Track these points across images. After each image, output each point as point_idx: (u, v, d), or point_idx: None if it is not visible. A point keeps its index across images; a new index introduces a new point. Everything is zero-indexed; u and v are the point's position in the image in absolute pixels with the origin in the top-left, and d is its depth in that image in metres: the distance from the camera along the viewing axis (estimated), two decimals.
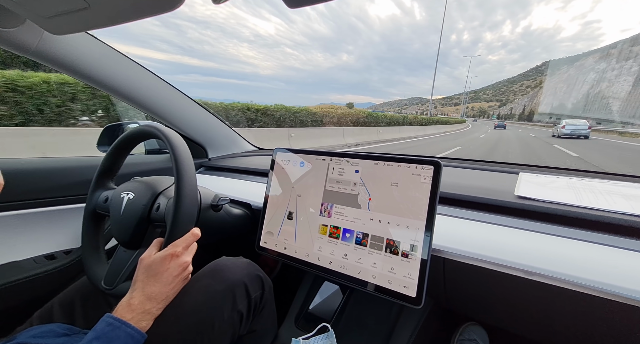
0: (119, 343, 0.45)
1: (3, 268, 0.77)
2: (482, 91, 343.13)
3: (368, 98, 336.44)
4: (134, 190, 0.68)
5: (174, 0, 0.49)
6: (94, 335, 0.45)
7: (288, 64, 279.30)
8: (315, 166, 0.71)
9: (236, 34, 20.26)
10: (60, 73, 0.79)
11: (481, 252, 0.56)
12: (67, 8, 0.54)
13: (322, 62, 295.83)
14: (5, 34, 0.64)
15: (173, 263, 0.53)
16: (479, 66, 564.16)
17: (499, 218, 0.61)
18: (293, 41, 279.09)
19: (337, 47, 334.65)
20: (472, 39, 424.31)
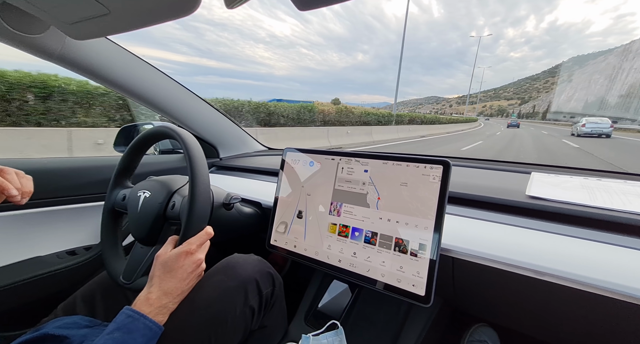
0: (138, 334, 0.47)
1: (29, 262, 0.81)
2: (503, 89, 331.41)
3: (383, 97, 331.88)
4: (150, 188, 0.70)
5: (190, 5, 0.51)
6: (115, 326, 0.47)
7: (303, 64, 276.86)
8: (325, 165, 0.72)
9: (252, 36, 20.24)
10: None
11: (491, 252, 0.55)
12: (90, 14, 0.57)
13: (337, 62, 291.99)
14: (31, 40, 0.68)
15: (187, 260, 0.55)
16: (499, 63, 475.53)
17: (510, 218, 0.61)
18: (308, 41, 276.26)
19: (352, 47, 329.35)
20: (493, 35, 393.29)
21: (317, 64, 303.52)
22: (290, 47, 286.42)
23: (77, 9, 0.56)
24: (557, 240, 0.54)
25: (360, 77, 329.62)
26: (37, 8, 0.57)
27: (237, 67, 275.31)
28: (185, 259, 0.55)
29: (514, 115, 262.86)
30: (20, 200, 0.51)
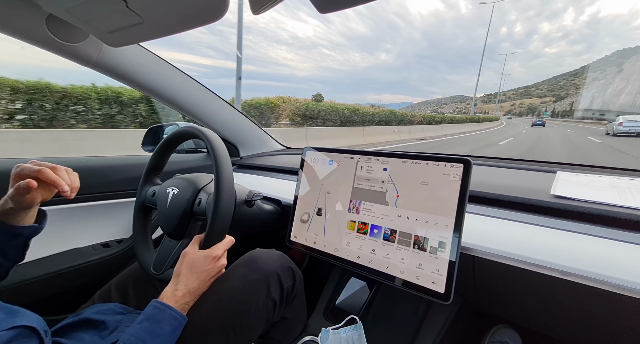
0: (165, 323, 0.51)
1: (68, 253, 0.88)
2: (535, 86, 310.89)
3: (406, 97, 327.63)
4: (178, 186, 0.74)
5: (217, 13, 0.54)
6: (144, 317, 0.51)
7: (325, 65, 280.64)
8: (344, 164, 0.73)
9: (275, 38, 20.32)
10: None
11: (514, 251, 0.55)
12: (126, 23, 0.61)
13: (359, 61, 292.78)
14: (72, 48, 0.73)
15: (213, 265, 0.59)
16: (532, 60, 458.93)
17: (533, 218, 0.60)
18: (330, 42, 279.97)
19: (375, 46, 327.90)
20: (526, 30, 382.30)
21: (339, 64, 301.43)
22: (313, 47, 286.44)
23: (115, 19, 0.60)
24: (584, 240, 0.52)
25: (382, 76, 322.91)
26: (80, 19, 0.62)
27: (260, 68, 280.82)
28: (211, 263, 0.59)
29: (546, 114, 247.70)
30: (70, 195, 0.55)
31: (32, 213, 0.57)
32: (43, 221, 0.59)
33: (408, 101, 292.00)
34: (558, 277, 0.51)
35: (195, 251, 0.60)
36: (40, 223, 0.58)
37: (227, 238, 0.64)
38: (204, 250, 0.60)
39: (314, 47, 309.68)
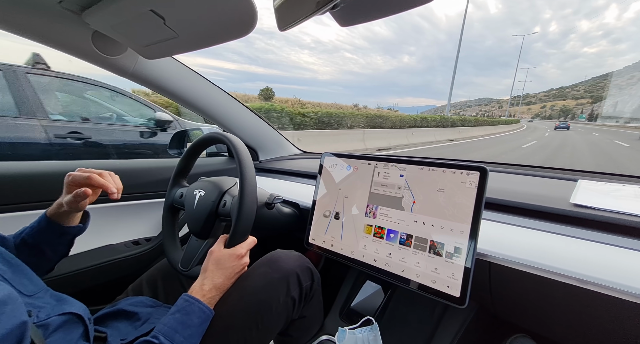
0: (194, 315, 0.55)
1: (104, 249, 0.95)
2: (571, 87, 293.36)
3: (430, 100, 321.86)
4: (204, 188, 0.79)
5: (245, 29, 0.58)
6: (176, 309, 0.56)
7: (347, 68, 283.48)
8: (362, 170, 0.76)
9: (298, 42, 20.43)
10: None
11: (531, 258, 0.55)
12: (162, 38, 0.67)
13: (382, 65, 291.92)
14: (112, 60, 0.80)
15: (237, 262, 0.63)
16: (568, 61, 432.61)
17: (551, 226, 0.60)
18: (353, 45, 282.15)
19: (398, 49, 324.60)
20: (561, 29, 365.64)
21: (361, 68, 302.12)
22: (335, 51, 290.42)
23: (152, 34, 0.66)
24: (604, 249, 0.52)
25: (405, 79, 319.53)
26: (121, 35, 0.68)
27: (282, 72, 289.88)
28: (235, 260, 0.63)
29: (582, 117, 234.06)
30: (117, 196, 0.62)
31: (79, 214, 0.64)
32: (87, 221, 0.67)
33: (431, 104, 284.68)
34: (576, 286, 0.51)
35: (221, 249, 0.64)
36: (84, 223, 0.66)
37: (250, 238, 0.68)
38: (229, 248, 0.64)
39: (335, 51, 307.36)
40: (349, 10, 0.53)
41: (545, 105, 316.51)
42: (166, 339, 0.49)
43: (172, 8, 0.56)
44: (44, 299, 0.51)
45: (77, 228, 0.64)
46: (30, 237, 0.60)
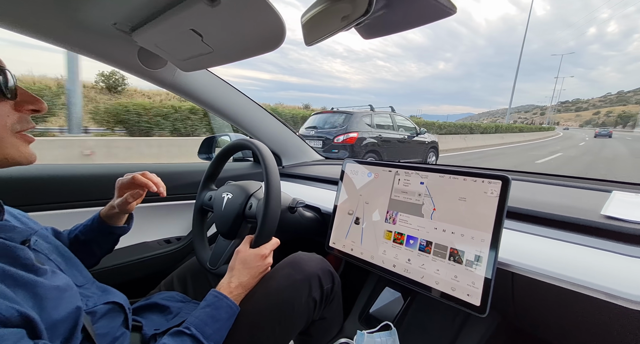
0: (223, 310, 0.59)
1: (139, 246, 1.03)
2: (634, 92, 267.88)
3: (467, 108, 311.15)
4: (232, 191, 0.84)
5: (275, 43, 0.63)
6: (205, 303, 0.60)
7: (379, 76, 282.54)
8: (382, 176, 0.77)
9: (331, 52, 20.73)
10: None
11: (556, 270, 0.54)
12: (198, 53, 0.73)
13: (416, 72, 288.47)
14: (154, 73, 0.88)
15: (262, 262, 0.67)
16: (632, 63, 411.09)
17: (579, 238, 0.59)
18: (385, 53, 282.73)
19: (432, 56, 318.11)
20: (622, 29, 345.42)
21: (394, 76, 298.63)
22: (367, 60, 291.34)
23: (190, 49, 0.72)
24: (636, 264, 0.51)
25: (440, 86, 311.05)
26: (163, 51, 0.75)
27: (315, 81, 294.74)
28: (260, 260, 0.67)
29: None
30: (162, 192, 0.70)
31: (125, 216, 0.72)
32: (130, 222, 0.75)
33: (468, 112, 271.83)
34: (604, 300, 0.49)
35: (247, 249, 0.68)
36: (128, 224, 0.74)
37: (273, 240, 0.71)
38: (254, 249, 0.68)
39: (368, 59, 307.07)
40: (372, 25, 0.56)
41: (599, 111, 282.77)
42: (197, 331, 0.53)
43: (209, 26, 0.61)
44: (91, 289, 0.57)
45: (122, 229, 0.73)
46: (82, 234, 0.68)
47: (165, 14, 0.61)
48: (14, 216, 0.52)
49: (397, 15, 0.53)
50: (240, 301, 0.63)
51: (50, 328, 0.38)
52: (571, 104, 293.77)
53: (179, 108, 6.54)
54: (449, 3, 0.49)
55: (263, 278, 0.68)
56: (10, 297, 0.34)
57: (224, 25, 0.60)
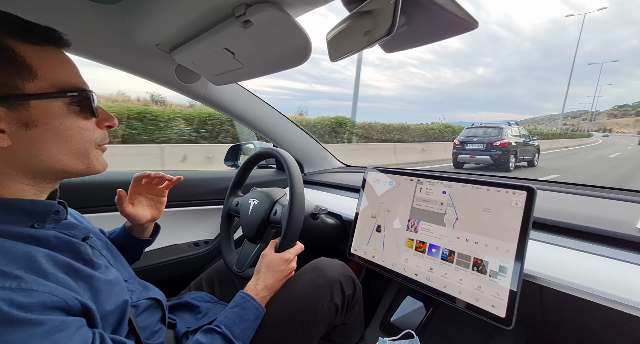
0: (250, 311, 0.62)
1: (171, 248, 1.09)
2: None
3: (509, 115, 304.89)
4: (258, 197, 0.88)
5: (301, 59, 0.67)
6: (234, 304, 0.63)
7: (412, 84, 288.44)
8: (404, 185, 0.78)
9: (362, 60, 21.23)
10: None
11: (587, 284, 0.53)
12: (230, 68, 0.79)
13: (452, 78, 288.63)
14: (188, 87, 0.95)
15: (286, 266, 0.70)
16: None
17: (612, 251, 0.56)
18: (419, 60, 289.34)
19: (470, 61, 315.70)
20: None
21: (428, 82, 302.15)
22: (400, 67, 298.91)
23: (223, 65, 0.78)
24: None
25: (479, 93, 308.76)
26: (198, 67, 0.82)
27: (346, 90, 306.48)
28: (284, 264, 0.70)
29: None
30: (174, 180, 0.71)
31: (150, 228, 0.76)
32: (156, 234, 0.79)
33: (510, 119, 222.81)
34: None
35: (272, 253, 0.71)
36: (153, 236, 0.78)
37: (297, 245, 0.74)
38: (279, 253, 0.71)
39: (400, 67, 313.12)
40: (394, 40, 0.59)
41: None
42: (227, 330, 0.57)
43: (241, 45, 0.67)
44: (133, 285, 0.62)
45: (146, 241, 0.76)
46: (115, 239, 0.74)
47: (202, 36, 0.67)
48: (73, 216, 0.58)
49: (418, 31, 0.55)
50: (266, 303, 0.66)
51: (103, 318, 0.43)
52: (631, 108, 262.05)
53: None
54: (470, 18, 0.51)
55: (287, 282, 0.71)
56: (74, 288, 0.39)
57: (255, 43, 0.65)
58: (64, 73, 0.42)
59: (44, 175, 0.43)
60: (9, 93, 0.37)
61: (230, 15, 0.58)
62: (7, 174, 0.40)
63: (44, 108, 0.40)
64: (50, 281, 0.36)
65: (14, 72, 0.37)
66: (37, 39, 0.40)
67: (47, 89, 0.40)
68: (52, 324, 0.33)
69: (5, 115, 0.37)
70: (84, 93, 0.43)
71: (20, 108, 0.38)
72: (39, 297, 0.34)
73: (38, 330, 0.32)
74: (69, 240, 0.45)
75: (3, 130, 0.37)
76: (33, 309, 0.32)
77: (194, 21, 0.62)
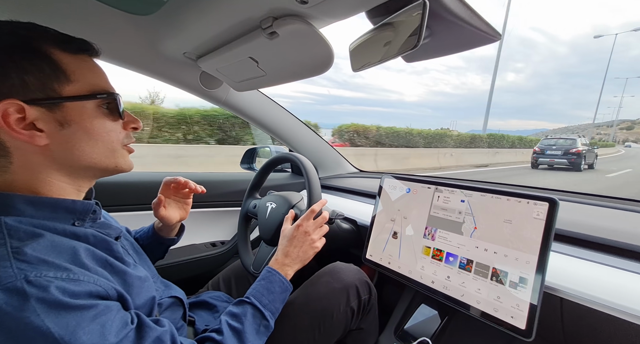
0: (276, 284, 0.63)
1: (189, 247, 1.13)
2: None
3: (541, 123, 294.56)
4: (275, 201, 0.90)
5: (323, 68, 0.69)
6: (261, 277, 0.65)
7: (437, 89, 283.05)
8: (421, 193, 0.79)
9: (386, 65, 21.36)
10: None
11: (613, 299, 0.52)
12: (253, 76, 0.81)
13: (479, 84, 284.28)
14: (211, 93, 0.99)
15: (299, 231, 0.71)
16: None
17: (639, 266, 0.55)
18: (445, 66, 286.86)
19: (500, 67, 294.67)
20: None
21: (454, 88, 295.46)
22: (424, 73, 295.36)
23: (246, 73, 0.81)
24: None
25: (508, 100, 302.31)
26: (222, 74, 0.85)
27: (368, 95, 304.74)
28: (298, 230, 0.71)
29: None
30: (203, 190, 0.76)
31: (176, 228, 0.79)
32: (181, 234, 0.82)
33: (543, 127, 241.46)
34: None
35: (288, 226, 0.74)
36: (179, 236, 0.81)
37: (311, 209, 0.73)
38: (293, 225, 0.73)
39: (425, 72, 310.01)
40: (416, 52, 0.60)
41: None
42: (255, 300, 0.59)
43: (265, 54, 0.69)
44: (157, 284, 0.65)
45: (172, 240, 0.80)
46: (141, 239, 0.77)
47: (229, 45, 0.70)
48: (103, 216, 0.62)
49: (440, 43, 0.56)
50: (290, 303, 0.67)
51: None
52: None
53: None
54: (492, 31, 0.51)
55: (304, 285, 0.72)
56: (111, 280, 0.42)
57: (279, 53, 0.67)
58: (95, 78, 0.46)
59: (78, 172, 0.47)
60: (47, 95, 0.41)
61: (257, 26, 0.60)
62: (48, 173, 0.44)
63: (77, 109, 0.43)
64: (92, 273, 0.40)
65: (52, 76, 0.41)
66: (72, 48, 0.43)
67: (80, 92, 0.43)
68: (98, 308, 0.37)
69: (44, 115, 0.41)
70: (112, 96, 0.47)
71: (57, 109, 0.42)
72: (85, 286, 0.37)
73: (87, 314, 0.36)
74: (104, 238, 0.48)
75: (42, 129, 0.41)
76: (81, 297, 0.36)
77: (222, 32, 0.65)
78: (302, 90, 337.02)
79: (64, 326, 0.33)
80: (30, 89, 0.39)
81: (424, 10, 0.43)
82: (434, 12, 0.47)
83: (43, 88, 0.40)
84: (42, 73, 0.40)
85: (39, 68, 0.40)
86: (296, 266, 0.69)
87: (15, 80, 0.38)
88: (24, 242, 0.37)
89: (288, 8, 0.53)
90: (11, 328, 0.32)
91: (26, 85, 0.39)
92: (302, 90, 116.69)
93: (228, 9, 0.57)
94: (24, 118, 0.39)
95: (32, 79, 0.39)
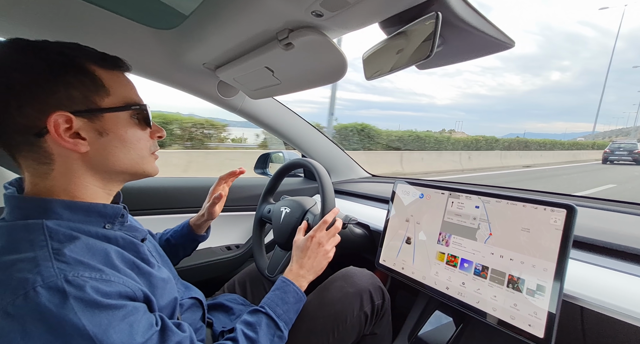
0: (290, 294, 0.64)
1: (205, 250, 1.16)
2: None
3: (590, 125, 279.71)
4: (289, 206, 0.92)
5: (337, 76, 0.71)
6: (275, 287, 0.66)
7: (471, 92, 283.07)
8: (434, 198, 0.79)
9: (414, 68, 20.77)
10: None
11: (634, 308, 0.50)
12: (268, 84, 0.84)
13: (519, 85, 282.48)
14: (227, 101, 1.03)
15: (311, 242, 0.71)
16: None
17: None
18: (480, 67, 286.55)
19: (543, 66, 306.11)
20: None
21: (489, 90, 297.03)
22: (457, 75, 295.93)
23: (261, 82, 0.83)
24: None
25: (553, 100, 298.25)
26: (239, 83, 0.88)
27: (397, 99, 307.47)
28: (311, 241, 0.71)
29: None
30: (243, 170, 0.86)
31: (207, 225, 0.85)
32: (208, 231, 0.87)
33: (589, 130, 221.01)
34: None
35: (301, 237, 0.75)
36: (207, 233, 0.87)
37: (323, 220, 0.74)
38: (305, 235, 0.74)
39: (457, 74, 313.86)
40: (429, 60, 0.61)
41: None
42: (270, 310, 0.61)
43: (281, 64, 0.72)
44: (177, 285, 0.67)
45: (203, 237, 0.86)
46: (173, 238, 0.81)
47: (246, 56, 0.73)
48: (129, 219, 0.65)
49: (453, 50, 0.57)
50: (305, 306, 0.68)
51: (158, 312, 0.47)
52: None
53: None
54: (506, 38, 0.52)
55: (317, 289, 0.73)
56: (137, 281, 0.44)
57: (294, 63, 0.70)
58: (127, 91, 0.50)
59: (110, 177, 0.50)
60: (89, 107, 0.45)
61: (273, 38, 0.63)
62: (84, 178, 0.47)
63: (114, 119, 0.47)
64: (122, 274, 0.42)
65: (94, 90, 0.45)
66: (108, 64, 0.48)
67: (117, 104, 0.48)
68: (127, 309, 0.39)
69: (86, 125, 0.45)
70: (142, 107, 0.51)
71: (96, 119, 0.46)
72: (116, 287, 0.40)
73: (118, 313, 0.38)
74: (132, 240, 0.50)
75: (84, 138, 0.45)
76: (112, 297, 0.39)
77: (240, 44, 0.68)
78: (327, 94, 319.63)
79: (97, 324, 0.36)
80: (75, 102, 0.43)
81: (437, 20, 0.44)
82: (446, 20, 0.48)
83: (86, 101, 0.44)
84: (85, 88, 0.44)
85: (83, 83, 0.44)
86: (310, 276, 0.70)
87: (62, 93, 0.43)
88: (63, 244, 0.40)
89: (304, 20, 0.56)
90: (52, 324, 0.34)
91: (72, 98, 0.43)
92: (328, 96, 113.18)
93: (246, 22, 0.60)
94: (70, 128, 0.43)
95: (77, 93, 0.44)
